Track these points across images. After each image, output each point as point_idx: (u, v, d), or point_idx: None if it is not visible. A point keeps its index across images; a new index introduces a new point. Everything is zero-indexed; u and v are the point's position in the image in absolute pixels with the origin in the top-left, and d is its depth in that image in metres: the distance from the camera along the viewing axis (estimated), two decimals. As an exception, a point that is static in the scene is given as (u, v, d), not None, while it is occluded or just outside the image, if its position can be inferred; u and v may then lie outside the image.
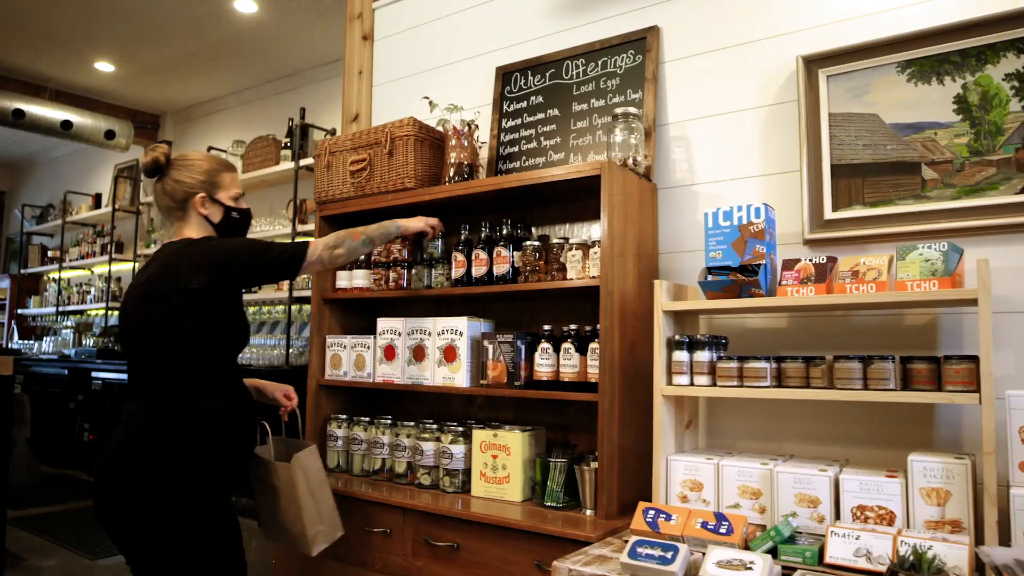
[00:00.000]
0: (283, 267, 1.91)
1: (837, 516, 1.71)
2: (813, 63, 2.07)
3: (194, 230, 1.96)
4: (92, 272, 8.02)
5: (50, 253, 8.52)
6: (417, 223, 2.31)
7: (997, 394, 1.63)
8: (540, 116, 2.61)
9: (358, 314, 2.90)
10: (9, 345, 8.35)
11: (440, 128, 2.61)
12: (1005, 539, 1.51)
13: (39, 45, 5.98)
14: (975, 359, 1.58)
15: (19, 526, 4.85)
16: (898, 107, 1.96)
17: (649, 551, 1.55)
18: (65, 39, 5.87)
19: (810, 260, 1.85)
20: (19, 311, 8.64)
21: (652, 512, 1.76)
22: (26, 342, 8.21)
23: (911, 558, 1.33)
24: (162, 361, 1.82)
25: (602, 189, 2.06)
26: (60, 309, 7.98)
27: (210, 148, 6.69)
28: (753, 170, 2.21)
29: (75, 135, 6.57)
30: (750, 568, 1.44)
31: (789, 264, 1.88)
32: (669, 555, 1.52)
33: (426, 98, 2.72)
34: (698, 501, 1.89)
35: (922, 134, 1.92)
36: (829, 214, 2.03)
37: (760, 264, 1.85)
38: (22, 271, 8.71)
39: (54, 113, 6.44)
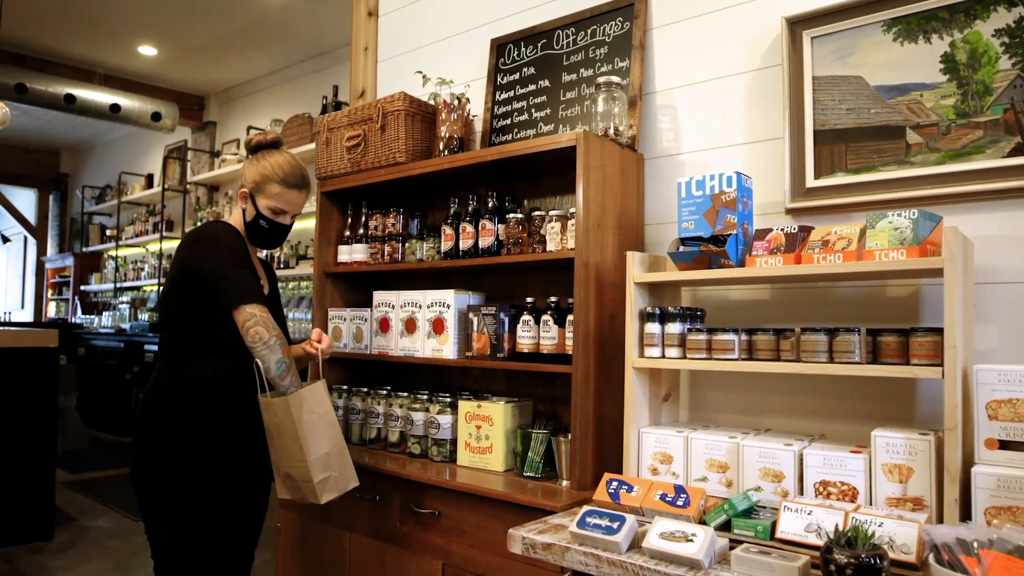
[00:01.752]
0: (228, 301, 1.85)
1: (801, 491, 1.67)
2: (797, 24, 1.99)
3: (232, 215, 2.13)
4: (147, 250, 8.38)
5: (108, 232, 8.94)
6: None
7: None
8: (531, 87, 2.58)
9: (359, 287, 2.95)
10: (72, 319, 8.83)
11: (432, 102, 2.62)
12: (966, 518, 1.45)
13: (84, 30, 6.23)
14: (940, 331, 1.51)
15: (73, 488, 5.17)
16: (883, 68, 1.86)
17: (597, 521, 1.55)
18: (107, 23, 6.09)
19: (782, 230, 1.80)
20: (82, 287, 9.12)
21: (615, 484, 1.76)
22: (88, 317, 8.68)
23: (849, 534, 1.30)
24: (165, 333, 2.00)
25: (577, 160, 2.04)
26: (118, 285, 8.39)
27: (250, 127, 6.87)
28: (739, 138, 2.15)
29: (123, 118, 6.85)
30: (691, 540, 1.43)
31: (761, 234, 1.83)
32: (615, 525, 1.52)
33: (419, 72, 2.72)
34: (668, 474, 1.88)
35: (907, 96, 1.83)
36: (811, 182, 1.96)
37: (730, 234, 1.81)
38: (84, 249, 9.17)
39: (103, 97, 6.71)
